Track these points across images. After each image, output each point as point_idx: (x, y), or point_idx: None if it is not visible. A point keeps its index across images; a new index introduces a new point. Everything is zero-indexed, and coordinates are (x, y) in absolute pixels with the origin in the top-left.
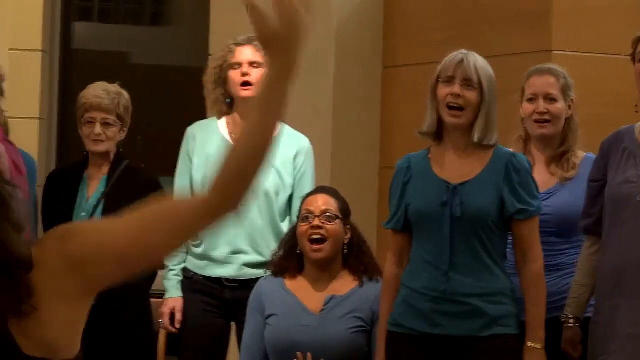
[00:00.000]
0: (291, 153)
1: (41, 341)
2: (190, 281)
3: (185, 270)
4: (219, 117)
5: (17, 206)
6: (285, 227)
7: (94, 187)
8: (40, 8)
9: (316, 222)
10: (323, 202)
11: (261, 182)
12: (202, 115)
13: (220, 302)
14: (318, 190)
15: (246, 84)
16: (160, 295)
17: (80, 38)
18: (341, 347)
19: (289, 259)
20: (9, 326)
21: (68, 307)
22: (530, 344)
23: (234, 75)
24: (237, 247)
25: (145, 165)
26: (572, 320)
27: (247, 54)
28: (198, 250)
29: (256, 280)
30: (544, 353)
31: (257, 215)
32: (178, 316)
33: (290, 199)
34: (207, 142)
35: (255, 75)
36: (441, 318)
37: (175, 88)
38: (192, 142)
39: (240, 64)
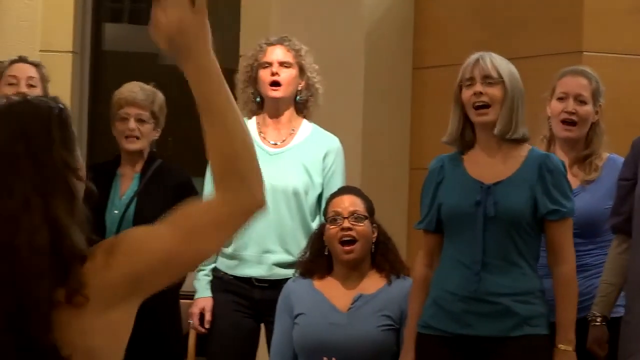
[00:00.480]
0: (321, 153)
1: (86, 350)
2: (220, 281)
3: (215, 270)
4: (249, 117)
5: (84, 206)
6: (315, 226)
7: (127, 184)
8: (71, 9)
9: (345, 223)
10: (350, 203)
11: (290, 182)
12: None
13: (250, 302)
14: (342, 190)
15: (275, 83)
16: (190, 296)
17: (110, 39)
18: (370, 346)
19: (317, 260)
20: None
21: (116, 315)
22: (561, 346)
23: (264, 75)
24: (267, 247)
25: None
26: (599, 319)
27: (277, 53)
28: (228, 250)
29: (286, 280)
30: (574, 355)
31: (287, 215)
32: (207, 316)
33: (319, 198)
34: None
35: (285, 75)
36: (471, 318)
37: None
38: None
39: (270, 64)
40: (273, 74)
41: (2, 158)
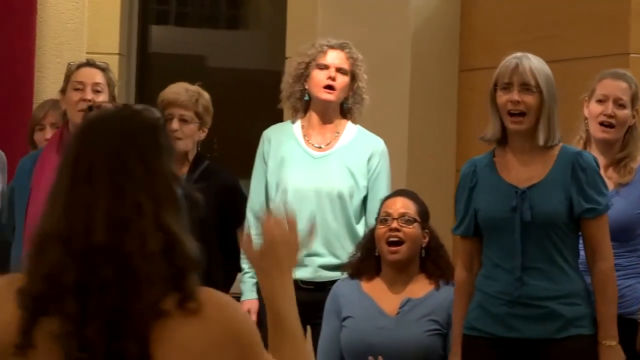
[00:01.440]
0: (365, 155)
1: None
2: None
3: None
4: (293, 114)
5: (187, 215)
6: (360, 229)
7: None
8: (117, 12)
9: (394, 224)
10: (402, 205)
11: (335, 185)
12: (279, 118)
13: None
14: (397, 193)
15: (329, 87)
16: (236, 298)
17: (157, 41)
18: (417, 350)
19: (366, 261)
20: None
21: None
22: (605, 342)
23: (319, 76)
24: (313, 250)
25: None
26: None
27: (337, 58)
28: None
29: (331, 282)
30: (620, 349)
31: (331, 218)
32: (253, 318)
33: (364, 200)
34: (282, 145)
35: (340, 81)
36: (516, 321)
37: (252, 91)
38: (268, 146)
39: (327, 66)
40: (329, 78)
41: (113, 159)
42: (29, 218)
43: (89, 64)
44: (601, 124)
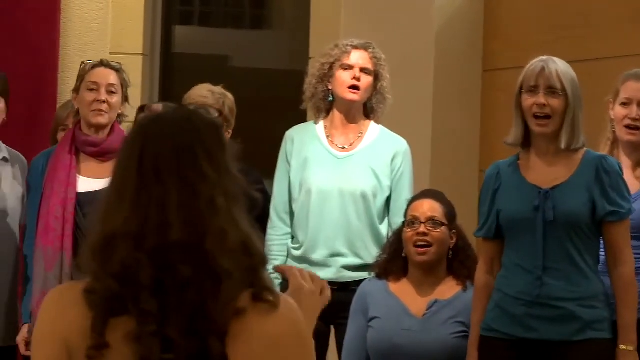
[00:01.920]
0: (389, 155)
1: None
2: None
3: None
4: (316, 113)
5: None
6: (383, 229)
7: None
8: (141, 12)
9: (422, 228)
10: (429, 208)
11: (358, 185)
12: (302, 118)
13: None
14: (424, 194)
15: (354, 87)
16: None
17: (180, 42)
18: (443, 352)
19: (394, 262)
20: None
21: None
22: (623, 347)
23: (343, 76)
24: (336, 250)
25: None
26: None
27: (361, 58)
28: (297, 253)
29: (355, 282)
30: (637, 355)
31: (355, 218)
32: None
33: (388, 201)
34: (306, 145)
35: (364, 81)
36: (534, 322)
37: (275, 91)
38: (291, 146)
39: (351, 67)
40: (354, 78)
41: (182, 155)
42: (42, 216)
43: (103, 64)
44: (627, 127)
